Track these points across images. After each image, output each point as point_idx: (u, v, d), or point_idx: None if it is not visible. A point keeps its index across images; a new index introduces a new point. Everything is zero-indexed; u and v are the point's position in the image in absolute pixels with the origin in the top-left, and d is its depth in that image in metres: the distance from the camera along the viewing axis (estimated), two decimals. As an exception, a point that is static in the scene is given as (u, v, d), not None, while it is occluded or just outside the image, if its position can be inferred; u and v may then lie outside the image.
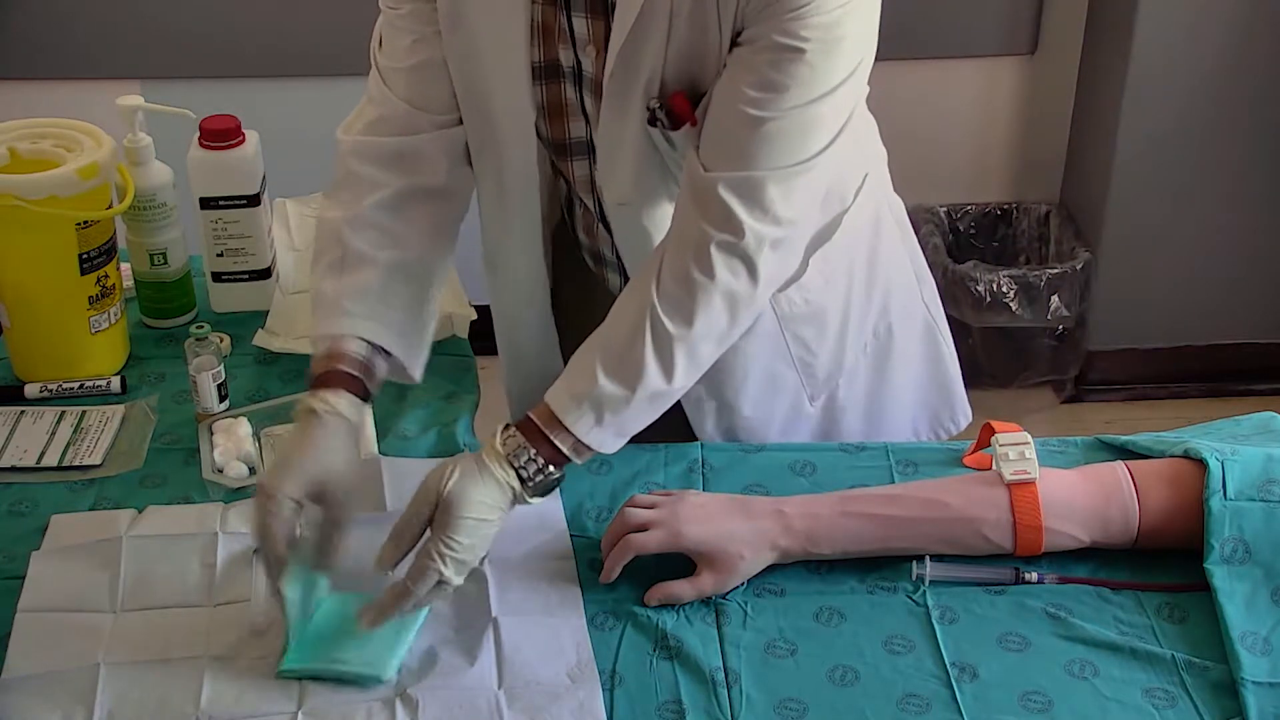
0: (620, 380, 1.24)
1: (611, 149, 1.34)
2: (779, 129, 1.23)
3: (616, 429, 1.26)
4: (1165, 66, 2.85)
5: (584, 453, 1.26)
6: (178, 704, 1.15)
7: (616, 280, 1.50)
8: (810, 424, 1.56)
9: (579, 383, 1.25)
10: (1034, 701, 1.16)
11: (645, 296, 1.25)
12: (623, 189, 1.37)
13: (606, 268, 1.51)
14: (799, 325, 1.48)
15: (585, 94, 1.35)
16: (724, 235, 1.23)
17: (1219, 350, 3.18)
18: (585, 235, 1.50)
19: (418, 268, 1.38)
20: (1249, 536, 1.23)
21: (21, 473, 1.44)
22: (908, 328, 1.60)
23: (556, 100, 1.37)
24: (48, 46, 2.86)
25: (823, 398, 1.55)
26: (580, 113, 1.37)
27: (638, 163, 1.34)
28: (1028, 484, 1.28)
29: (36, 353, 1.57)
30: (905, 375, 1.61)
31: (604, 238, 1.47)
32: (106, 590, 1.27)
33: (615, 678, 1.19)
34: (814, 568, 1.30)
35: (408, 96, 1.38)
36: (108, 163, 1.52)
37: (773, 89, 1.21)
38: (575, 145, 1.39)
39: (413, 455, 1.44)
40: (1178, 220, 3.03)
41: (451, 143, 1.40)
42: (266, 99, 2.91)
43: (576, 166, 1.41)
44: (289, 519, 1.19)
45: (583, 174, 1.41)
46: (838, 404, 1.56)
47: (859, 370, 1.56)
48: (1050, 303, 3.01)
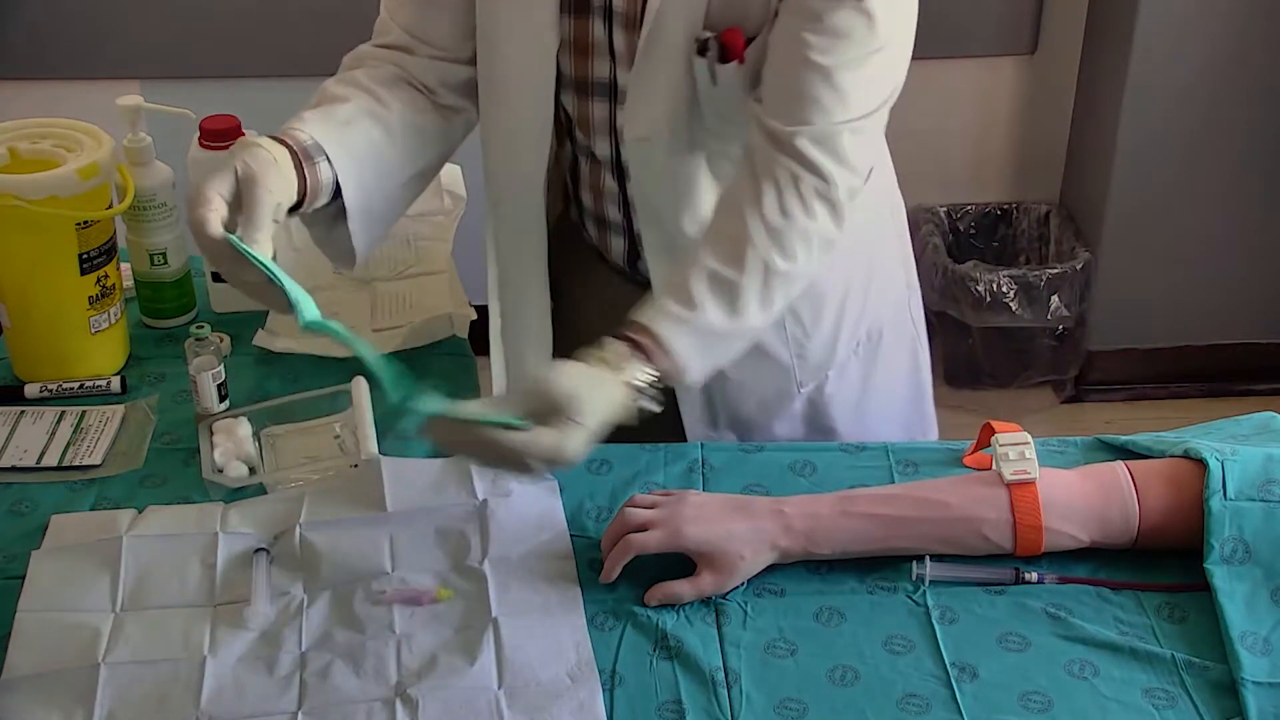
0: (724, 308, 1.25)
1: (645, 80, 1.35)
2: (849, 79, 1.26)
3: (712, 359, 1.27)
4: (1165, 66, 2.85)
5: (675, 377, 1.25)
6: (178, 704, 1.15)
7: (620, 246, 1.50)
8: (794, 411, 1.56)
9: (681, 308, 1.25)
10: (1034, 701, 1.16)
11: (745, 230, 1.26)
12: (650, 124, 1.37)
13: (610, 232, 1.50)
14: (798, 301, 1.45)
15: (615, 30, 1.35)
16: (817, 181, 1.27)
17: (1219, 350, 3.18)
18: (590, 195, 1.50)
19: (394, 129, 1.38)
20: (1249, 536, 1.23)
21: (21, 473, 1.44)
22: (896, 336, 1.61)
23: (583, 36, 1.37)
24: (48, 46, 2.86)
25: (810, 387, 1.55)
26: (606, 51, 1.37)
27: (671, 96, 1.35)
28: (1028, 484, 1.28)
29: (36, 353, 1.57)
30: (888, 383, 1.62)
31: (611, 193, 1.46)
32: (106, 590, 1.27)
33: (615, 678, 1.19)
34: (814, 568, 1.30)
35: (408, 26, 1.41)
36: (108, 163, 1.52)
37: (837, 36, 1.24)
38: (597, 85, 1.40)
39: (413, 455, 1.44)
40: (1178, 220, 3.03)
41: (445, 74, 1.43)
42: (266, 99, 2.90)
43: (596, 107, 1.41)
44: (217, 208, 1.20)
45: (601, 115, 1.41)
46: (824, 397, 1.56)
47: (849, 367, 1.56)
48: (1050, 303, 3.01)
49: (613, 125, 1.42)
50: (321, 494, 1.37)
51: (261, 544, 1.31)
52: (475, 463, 1.31)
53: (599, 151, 1.45)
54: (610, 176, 1.46)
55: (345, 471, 1.41)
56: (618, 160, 1.44)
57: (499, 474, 1.33)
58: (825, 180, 1.27)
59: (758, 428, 1.56)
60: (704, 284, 1.26)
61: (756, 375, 1.52)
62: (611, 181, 1.46)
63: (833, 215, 1.29)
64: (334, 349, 1.61)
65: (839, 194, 1.29)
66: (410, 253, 1.76)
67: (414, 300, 1.68)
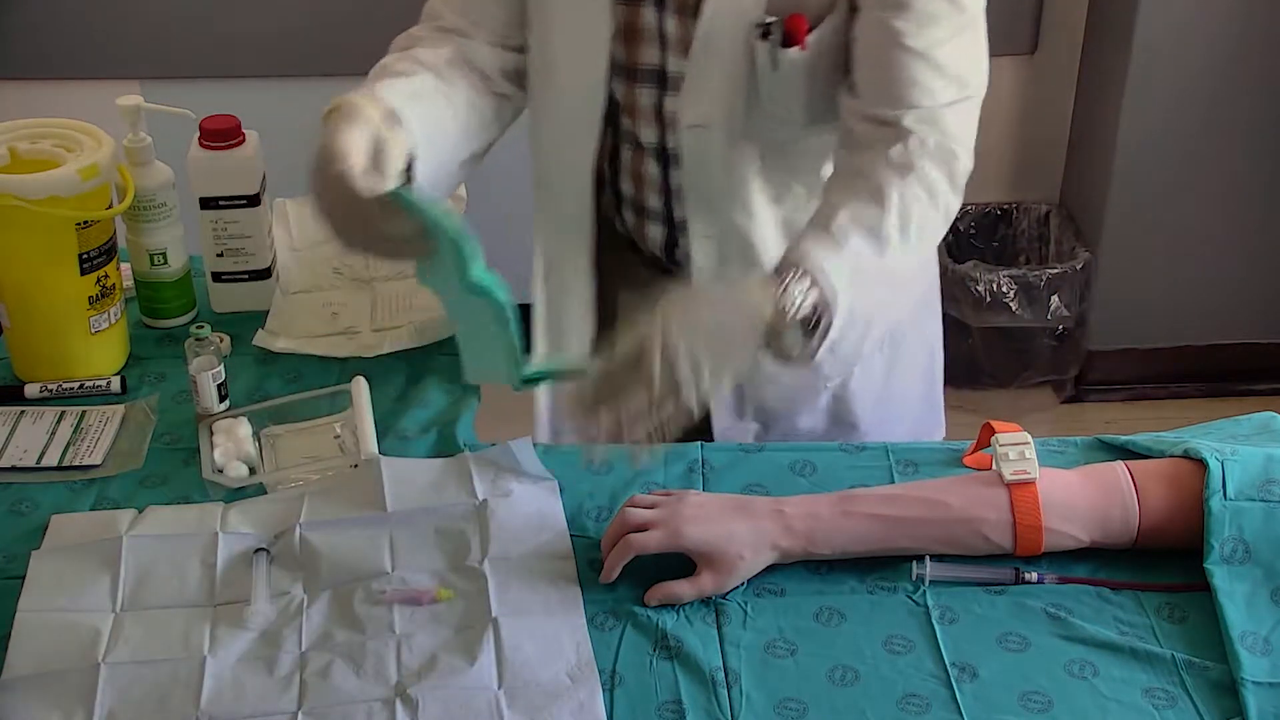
0: (869, 241, 1.26)
1: (704, 65, 1.36)
2: (945, 58, 1.30)
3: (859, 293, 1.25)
4: (1165, 66, 2.85)
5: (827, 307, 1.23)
6: (178, 704, 1.15)
7: (658, 234, 1.51)
8: (819, 405, 1.57)
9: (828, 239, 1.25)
10: (1034, 701, 1.16)
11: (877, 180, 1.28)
12: (707, 110, 1.38)
13: (648, 220, 1.51)
14: None
15: (667, 16, 1.36)
16: (935, 149, 1.30)
17: (1219, 350, 3.18)
18: (631, 183, 1.50)
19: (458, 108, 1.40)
20: (1249, 536, 1.23)
21: (21, 473, 1.44)
22: (918, 334, 1.62)
23: (634, 22, 1.39)
24: (48, 46, 2.86)
25: (835, 383, 1.57)
26: (657, 37, 1.38)
27: (729, 82, 1.36)
28: (1028, 484, 1.28)
29: (36, 353, 1.57)
30: (906, 380, 1.63)
31: (652, 181, 1.47)
32: (107, 590, 1.27)
33: (615, 678, 1.19)
34: (814, 568, 1.30)
35: (462, 10, 1.42)
36: (108, 163, 1.52)
37: (925, 20, 1.28)
38: (645, 72, 1.41)
39: (413, 455, 1.44)
40: (1178, 220, 3.03)
41: (501, 60, 1.44)
42: (266, 99, 2.91)
43: (643, 94, 1.42)
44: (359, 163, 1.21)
45: (648, 102, 1.42)
46: (848, 392, 1.58)
47: (873, 363, 1.58)
48: (1050, 303, 3.01)
49: (659, 112, 1.43)
50: (321, 494, 1.37)
51: (261, 544, 1.31)
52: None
53: (644, 138, 1.46)
54: (654, 163, 1.47)
55: (345, 471, 1.41)
56: (662, 147, 1.45)
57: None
58: (944, 147, 1.31)
59: (782, 419, 1.58)
60: (846, 222, 1.26)
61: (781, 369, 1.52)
62: (654, 169, 1.47)
63: (951, 185, 1.32)
64: (334, 349, 1.61)
65: (958, 164, 1.32)
66: (410, 253, 1.76)
67: (414, 300, 1.68)
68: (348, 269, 1.74)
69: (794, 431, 1.59)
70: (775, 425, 1.59)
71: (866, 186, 1.29)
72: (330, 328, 1.65)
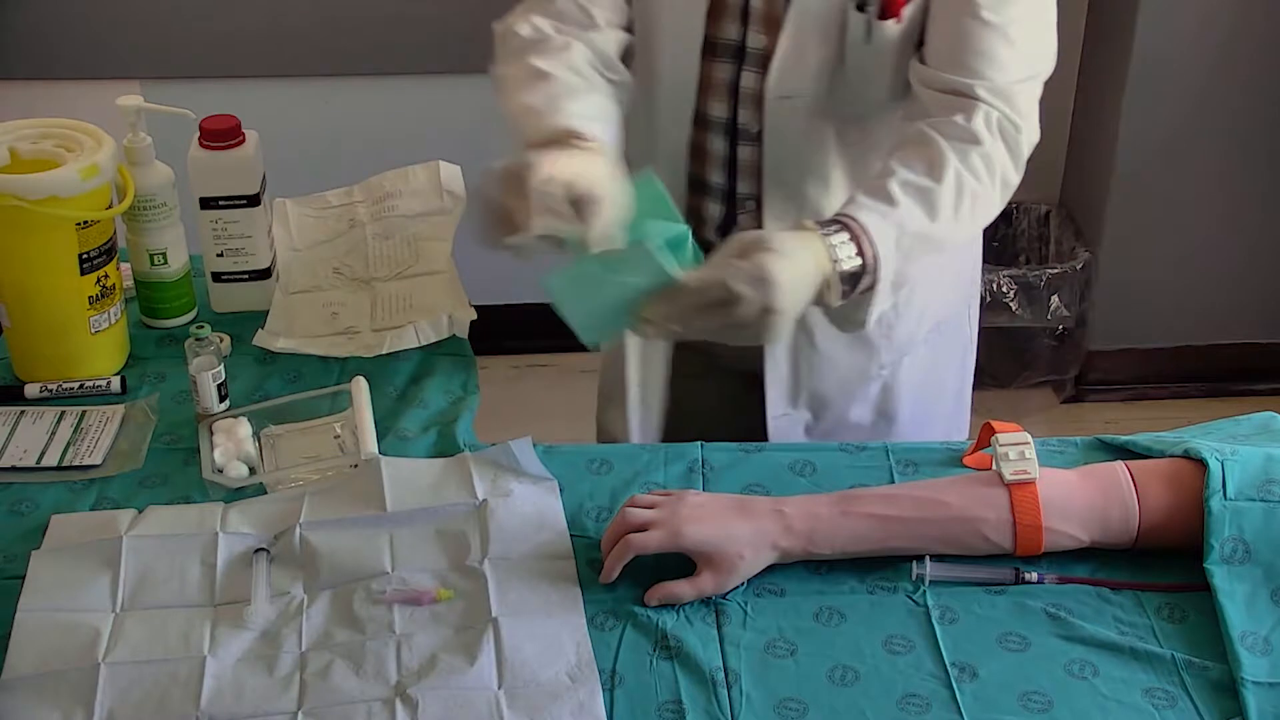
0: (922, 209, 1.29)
1: (798, 36, 1.39)
2: (1021, 35, 1.35)
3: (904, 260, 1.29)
4: (1165, 66, 2.85)
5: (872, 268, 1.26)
6: (178, 704, 1.15)
7: (716, 211, 1.53)
8: (869, 393, 1.61)
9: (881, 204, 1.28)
10: (1034, 701, 1.16)
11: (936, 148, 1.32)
12: (797, 81, 1.41)
13: (708, 197, 1.53)
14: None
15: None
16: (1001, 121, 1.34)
17: (1219, 350, 3.18)
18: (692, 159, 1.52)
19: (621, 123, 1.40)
20: (1249, 536, 1.23)
21: (21, 473, 1.44)
22: (956, 328, 1.66)
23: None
24: (48, 46, 2.86)
25: (888, 370, 1.59)
26: (739, 12, 1.42)
27: (821, 53, 1.39)
28: (1028, 484, 1.28)
29: (36, 353, 1.57)
30: (943, 374, 1.68)
31: (718, 157, 1.49)
32: (107, 590, 1.27)
33: (615, 678, 1.19)
34: (814, 568, 1.30)
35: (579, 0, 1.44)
36: (108, 163, 1.52)
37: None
38: (724, 46, 1.44)
39: (413, 455, 1.44)
40: (1178, 220, 3.03)
41: (618, 42, 1.46)
42: (266, 99, 2.91)
43: (719, 69, 1.45)
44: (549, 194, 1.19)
45: (723, 77, 1.45)
46: (896, 381, 1.61)
47: (920, 353, 1.61)
48: (1050, 303, 3.01)
49: (735, 88, 1.45)
50: (321, 494, 1.37)
51: (261, 544, 1.31)
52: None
53: (714, 114, 1.48)
54: (720, 139, 1.49)
55: (345, 471, 1.41)
56: (732, 123, 1.47)
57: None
58: (1010, 122, 1.35)
59: (833, 409, 1.61)
60: (900, 187, 1.30)
61: (845, 352, 1.56)
62: (721, 144, 1.50)
63: (1012, 158, 1.35)
64: (334, 349, 1.61)
65: (1022, 139, 1.36)
66: (410, 253, 1.76)
67: (414, 300, 1.68)
68: (348, 269, 1.74)
69: (843, 422, 1.62)
70: (826, 415, 1.62)
71: (927, 154, 1.32)
72: (330, 328, 1.65)
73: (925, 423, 1.68)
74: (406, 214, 1.83)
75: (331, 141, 2.96)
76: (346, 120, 2.98)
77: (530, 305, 3.09)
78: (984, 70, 1.34)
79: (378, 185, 1.90)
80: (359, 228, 1.82)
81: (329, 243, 1.80)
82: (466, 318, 1.65)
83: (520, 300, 3.07)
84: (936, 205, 1.30)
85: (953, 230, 1.33)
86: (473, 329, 1.65)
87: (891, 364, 1.61)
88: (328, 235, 1.82)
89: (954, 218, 1.31)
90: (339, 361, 1.60)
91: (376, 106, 2.95)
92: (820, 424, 1.64)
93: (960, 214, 1.32)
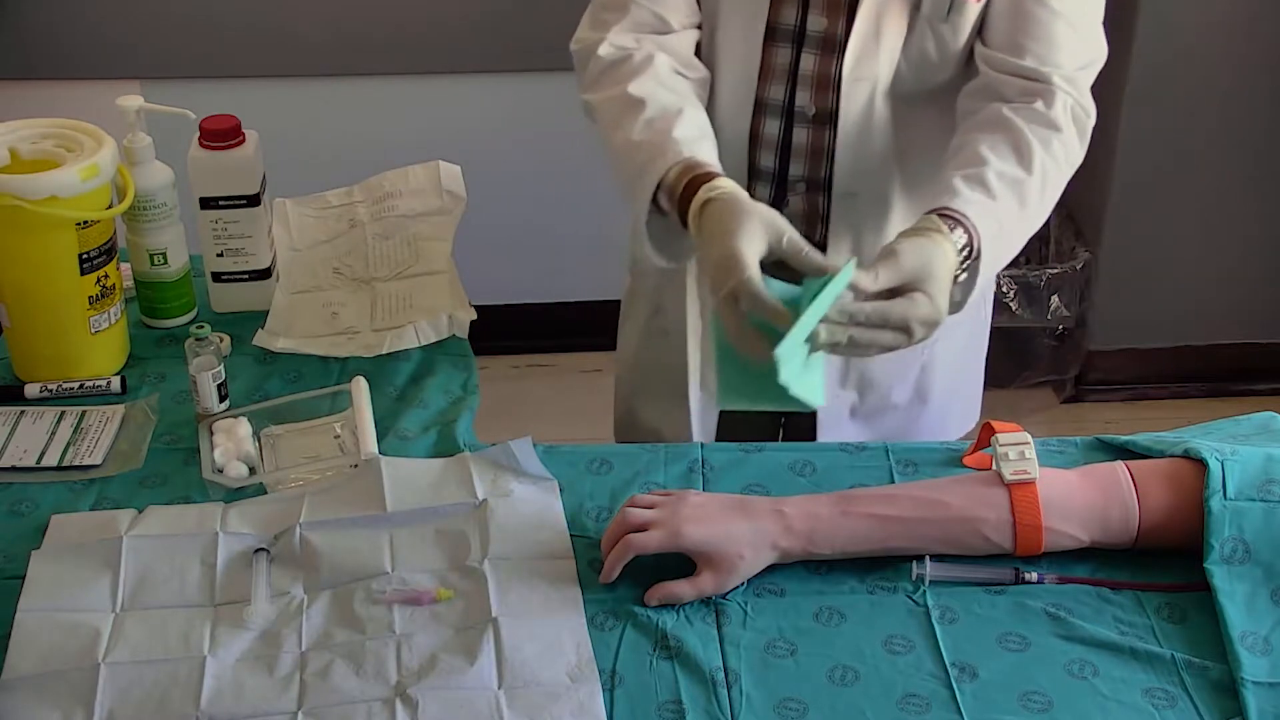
0: (1015, 201, 1.35)
1: (875, 17, 1.43)
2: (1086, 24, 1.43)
3: (999, 251, 1.35)
4: (1166, 67, 2.85)
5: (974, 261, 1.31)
6: (178, 704, 1.15)
7: (765, 194, 1.55)
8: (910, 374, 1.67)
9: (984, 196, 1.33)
10: (1034, 701, 1.16)
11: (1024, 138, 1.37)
12: (873, 64, 1.45)
13: (757, 181, 1.56)
14: None
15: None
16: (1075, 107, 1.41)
17: (1219, 350, 3.18)
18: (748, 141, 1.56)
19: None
20: (1249, 536, 1.23)
21: (21, 473, 1.44)
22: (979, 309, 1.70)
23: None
24: (48, 46, 2.86)
25: (930, 347, 1.64)
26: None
27: (898, 32, 1.44)
28: (1028, 484, 1.28)
29: (36, 353, 1.57)
30: (967, 355, 1.73)
31: (770, 141, 1.53)
32: (107, 590, 1.27)
33: (615, 678, 1.19)
34: (814, 568, 1.30)
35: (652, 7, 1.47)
36: (108, 163, 1.52)
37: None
38: (782, 30, 1.48)
39: (413, 455, 1.44)
40: (1178, 220, 3.03)
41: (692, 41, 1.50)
42: (266, 99, 2.91)
43: (779, 53, 1.49)
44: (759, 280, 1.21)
45: (783, 60, 1.49)
46: (933, 359, 1.66)
47: (955, 332, 1.64)
48: (1050, 303, 3.01)
49: (793, 71, 1.48)
50: (321, 494, 1.37)
51: (261, 544, 1.31)
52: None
53: (772, 98, 1.51)
54: (775, 122, 1.52)
55: (345, 471, 1.41)
56: (789, 106, 1.50)
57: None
58: (1082, 109, 1.41)
59: (878, 389, 1.66)
60: (996, 179, 1.35)
61: None
62: (775, 127, 1.52)
63: (1082, 144, 1.41)
64: (334, 349, 1.61)
65: (1089, 125, 1.42)
66: (410, 253, 1.76)
67: (414, 300, 1.68)
68: (348, 269, 1.74)
69: (885, 403, 1.67)
70: (870, 395, 1.67)
71: (1014, 141, 1.38)
72: (330, 328, 1.65)
73: (952, 403, 1.74)
74: (406, 214, 1.83)
75: (331, 141, 2.96)
76: (346, 120, 2.98)
77: (530, 305, 3.10)
78: (1055, 57, 1.40)
79: (378, 185, 1.90)
80: (359, 228, 1.82)
81: (329, 243, 1.80)
82: (466, 318, 1.65)
83: (520, 300, 3.08)
84: (1026, 197, 1.37)
85: (1037, 218, 1.40)
86: (473, 329, 1.65)
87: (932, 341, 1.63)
88: (328, 235, 1.82)
89: (1039, 206, 1.38)
90: (339, 361, 1.60)
91: (376, 106, 2.95)
92: (865, 404, 1.68)
93: (1044, 202, 1.39)
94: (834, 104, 1.49)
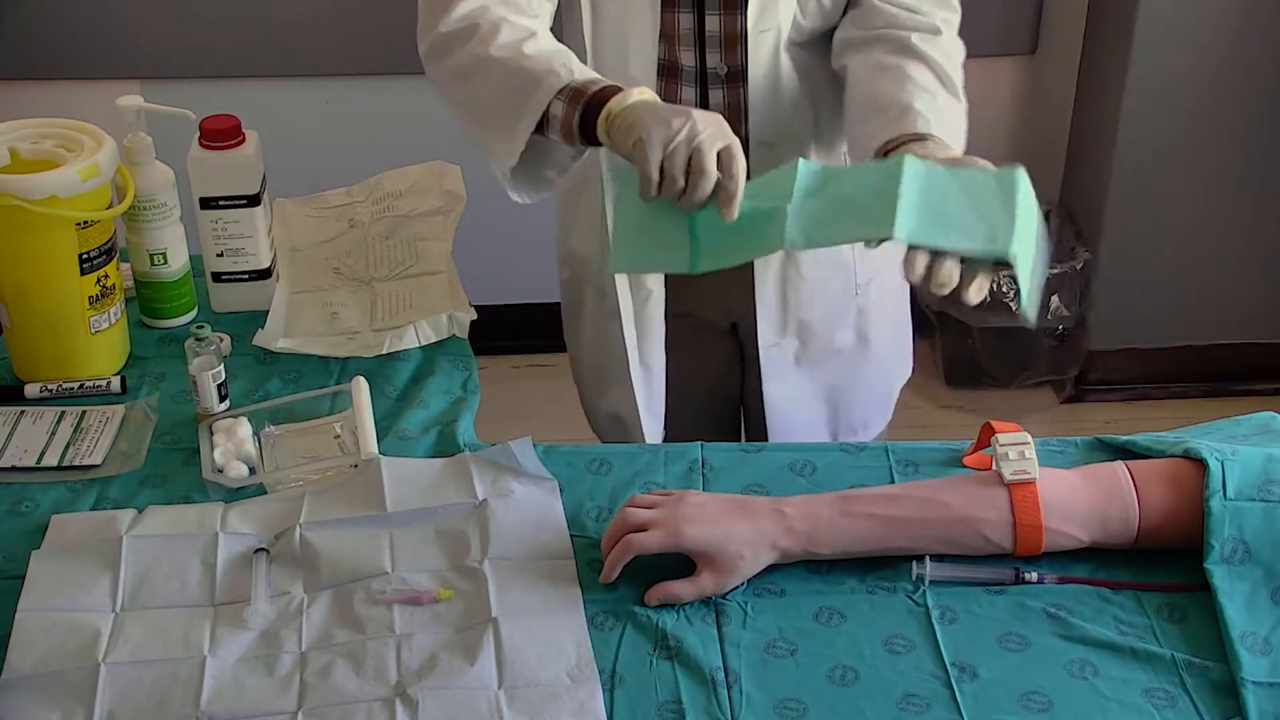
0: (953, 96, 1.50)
1: None
2: None
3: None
4: (1165, 67, 2.85)
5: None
6: (178, 704, 1.15)
7: None
8: (849, 318, 1.73)
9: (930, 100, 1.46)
10: (1034, 701, 1.16)
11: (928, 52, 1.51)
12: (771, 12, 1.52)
13: None
14: None
15: None
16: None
17: (1219, 350, 3.18)
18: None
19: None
20: (1249, 536, 1.23)
21: (21, 473, 1.44)
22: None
23: None
24: (48, 46, 2.86)
25: (864, 288, 1.70)
26: None
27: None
28: (1028, 484, 1.28)
29: (36, 353, 1.57)
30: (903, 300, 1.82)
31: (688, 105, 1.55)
32: (107, 590, 1.27)
33: (615, 678, 1.19)
34: (814, 568, 1.30)
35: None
36: (108, 163, 1.52)
37: None
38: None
39: (413, 455, 1.44)
40: (1178, 220, 3.03)
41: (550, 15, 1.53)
42: (266, 99, 2.91)
43: (682, 19, 1.53)
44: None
45: (687, 25, 1.53)
46: (870, 302, 1.73)
47: (886, 279, 1.71)
48: (1050, 303, 3.01)
49: (699, 33, 1.53)
50: (321, 494, 1.37)
51: (261, 544, 1.31)
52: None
53: (684, 62, 1.55)
54: (692, 89, 1.56)
55: (345, 471, 1.41)
56: (700, 70, 1.56)
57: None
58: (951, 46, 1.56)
59: (819, 335, 1.71)
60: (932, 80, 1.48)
61: (828, 274, 1.69)
62: (692, 93, 1.57)
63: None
64: (334, 349, 1.61)
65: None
66: (410, 253, 1.76)
67: (414, 300, 1.68)
68: (348, 269, 1.75)
69: (828, 348, 1.74)
70: (812, 341, 1.72)
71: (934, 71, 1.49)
72: (330, 328, 1.65)
73: (894, 349, 1.82)
74: (406, 214, 1.83)
75: (331, 141, 2.96)
76: (346, 120, 2.98)
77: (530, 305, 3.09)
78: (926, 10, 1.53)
79: (378, 185, 1.90)
80: (359, 228, 1.82)
81: (329, 243, 1.81)
82: (466, 318, 1.65)
83: (520, 300, 3.07)
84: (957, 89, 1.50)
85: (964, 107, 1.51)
86: (473, 329, 1.65)
87: (865, 284, 1.71)
88: (328, 235, 1.82)
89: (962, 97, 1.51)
90: (339, 361, 1.60)
91: (376, 106, 2.95)
92: (808, 351, 1.73)
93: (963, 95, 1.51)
94: (743, 60, 1.54)
